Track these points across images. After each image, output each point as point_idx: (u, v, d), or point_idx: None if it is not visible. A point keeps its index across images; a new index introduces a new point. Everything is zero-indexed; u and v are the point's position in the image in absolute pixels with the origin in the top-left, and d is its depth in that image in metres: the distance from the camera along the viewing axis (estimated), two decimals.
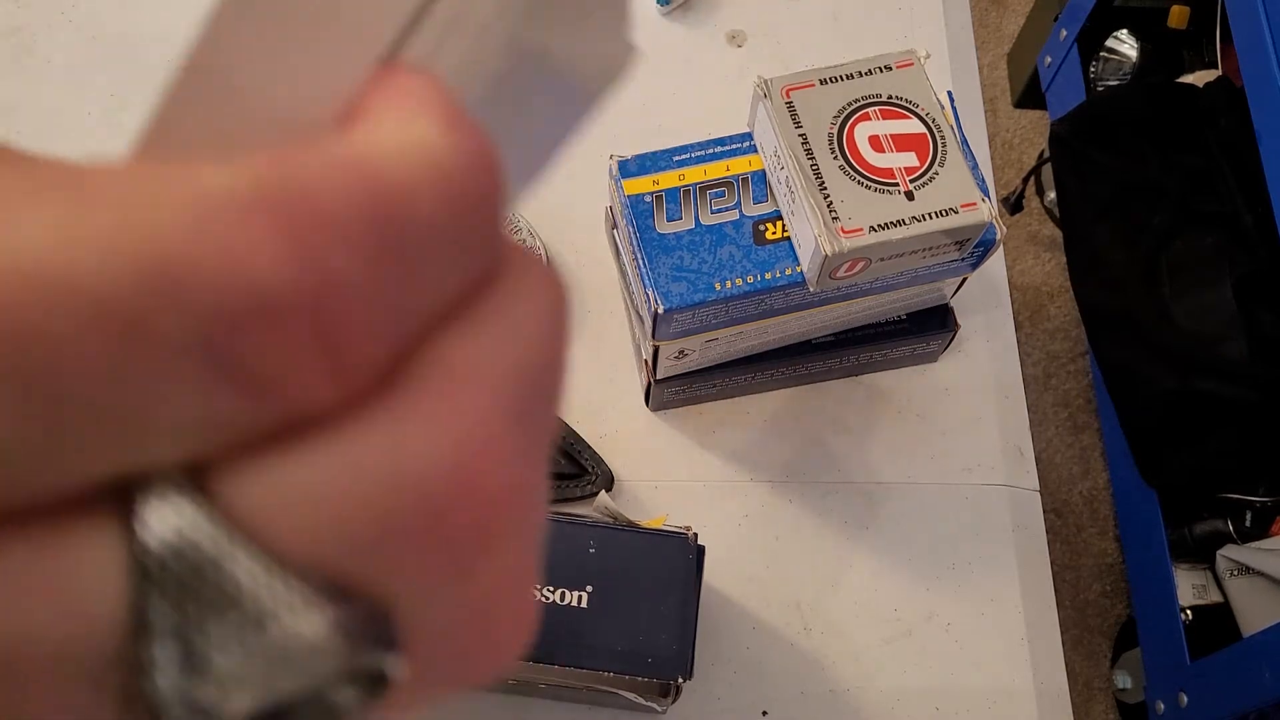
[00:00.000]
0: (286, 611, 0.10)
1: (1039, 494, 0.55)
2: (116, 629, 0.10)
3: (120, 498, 0.10)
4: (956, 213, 0.42)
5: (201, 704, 0.09)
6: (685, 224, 0.46)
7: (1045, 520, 0.55)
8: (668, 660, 0.39)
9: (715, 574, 0.52)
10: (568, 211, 0.60)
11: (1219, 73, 1.13)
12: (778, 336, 0.50)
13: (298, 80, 0.11)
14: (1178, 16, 1.21)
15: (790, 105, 0.44)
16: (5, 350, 0.08)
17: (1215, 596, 1.05)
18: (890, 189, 0.43)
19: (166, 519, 0.10)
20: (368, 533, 0.10)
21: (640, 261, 0.45)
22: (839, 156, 0.43)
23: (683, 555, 0.40)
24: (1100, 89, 1.27)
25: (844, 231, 0.42)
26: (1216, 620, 1.03)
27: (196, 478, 0.10)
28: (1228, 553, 1.03)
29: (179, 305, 0.09)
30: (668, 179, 0.46)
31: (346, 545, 0.10)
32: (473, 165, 0.11)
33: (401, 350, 0.11)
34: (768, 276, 0.45)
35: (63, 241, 0.09)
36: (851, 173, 0.43)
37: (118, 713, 0.10)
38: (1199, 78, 1.12)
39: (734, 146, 0.47)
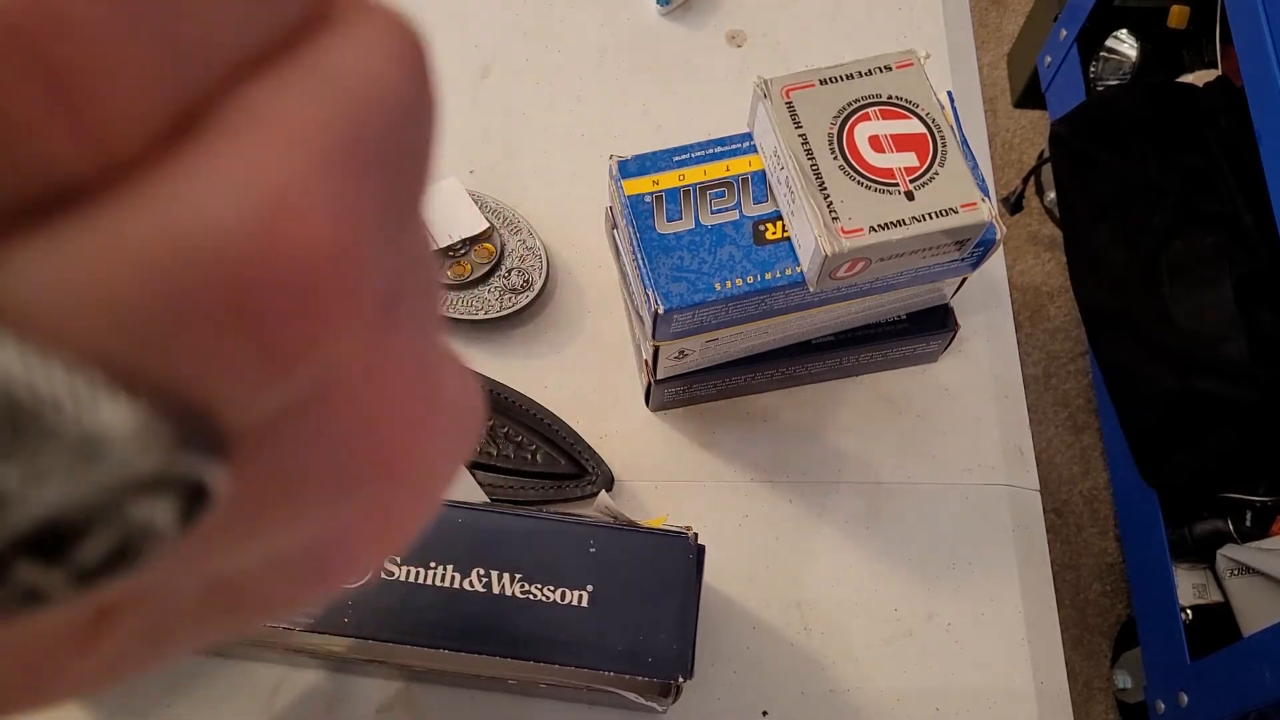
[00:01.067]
0: (68, 401, 0.08)
1: (1039, 494, 0.55)
2: None
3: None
4: (956, 213, 0.43)
5: None
6: (685, 224, 0.46)
7: (1045, 520, 0.55)
8: (668, 660, 0.39)
9: (715, 574, 0.52)
10: (568, 212, 0.60)
11: (1219, 73, 1.13)
12: (778, 337, 0.50)
13: None
14: (1178, 16, 1.21)
15: (790, 105, 0.44)
16: None
17: (1215, 596, 1.05)
18: (890, 189, 0.43)
19: None
20: (155, 313, 0.08)
21: (640, 262, 0.45)
22: (839, 156, 0.43)
23: (683, 555, 0.40)
24: (1100, 89, 1.27)
25: (844, 231, 0.42)
26: (1216, 620, 1.03)
27: None
28: (1228, 552, 1.03)
29: None
30: (668, 179, 0.46)
31: (133, 331, 0.08)
32: None
33: (185, 106, 0.08)
34: (768, 277, 0.45)
35: None
36: (851, 173, 0.43)
37: None
38: (1199, 78, 1.12)
39: (734, 147, 0.47)
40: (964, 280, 0.51)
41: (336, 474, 0.10)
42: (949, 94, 0.46)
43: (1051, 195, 1.38)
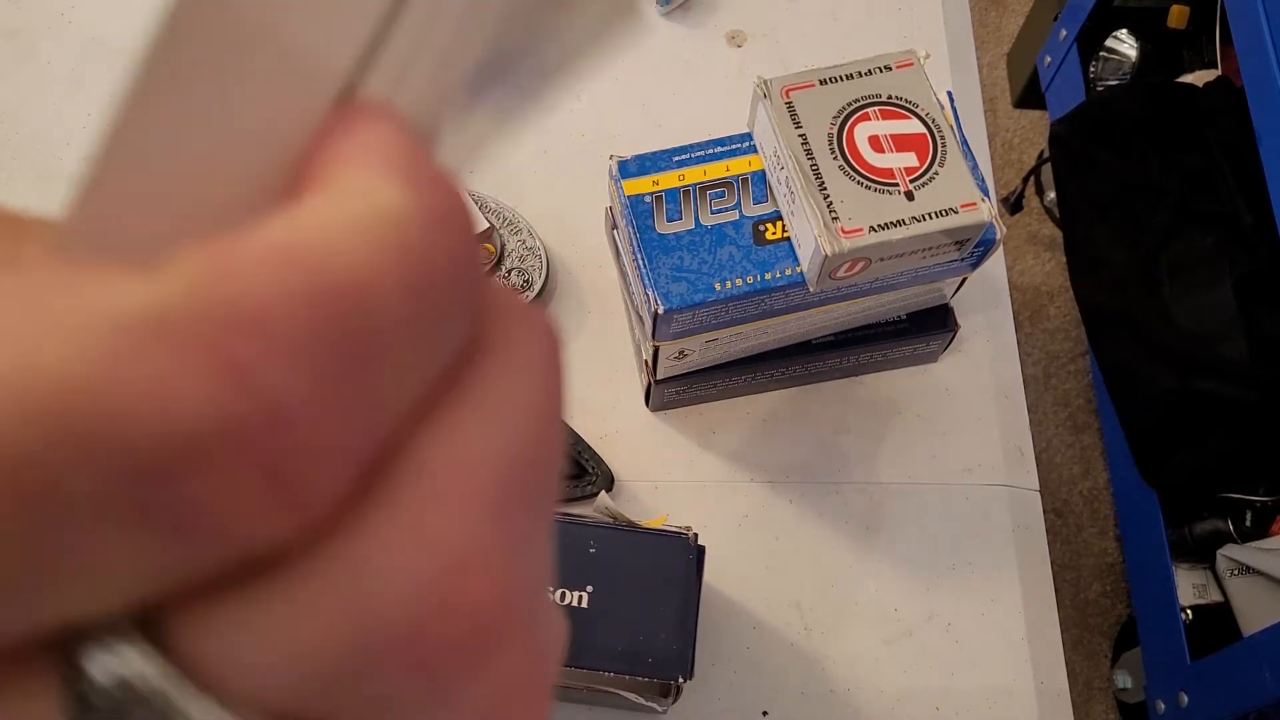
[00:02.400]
0: None
1: (1039, 494, 0.55)
2: None
3: (62, 650, 0.09)
4: (956, 213, 0.43)
5: None
6: (685, 224, 0.46)
7: (1045, 520, 0.55)
8: (668, 660, 0.39)
9: (715, 574, 0.52)
10: (568, 212, 0.60)
11: (1219, 73, 1.13)
12: (778, 337, 0.50)
13: (238, 145, 0.09)
14: (1177, 16, 1.21)
15: (790, 105, 0.44)
16: None
17: (1215, 596, 1.05)
18: (890, 189, 0.43)
19: (108, 668, 0.09)
20: (333, 673, 0.09)
21: (640, 262, 0.45)
22: (839, 156, 0.43)
23: (683, 555, 0.40)
24: (1100, 89, 1.27)
25: (844, 232, 0.42)
26: (1216, 620, 1.03)
27: (148, 624, 0.09)
28: (1228, 552, 1.03)
29: (91, 458, 0.07)
30: (668, 179, 0.46)
31: (309, 688, 0.09)
32: (440, 230, 0.09)
33: (371, 460, 0.09)
34: (768, 277, 0.45)
35: None
36: (851, 173, 0.43)
37: None
38: (1199, 78, 1.12)
39: (734, 147, 0.47)
40: (964, 280, 0.51)
41: None
42: (949, 94, 0.46)
43: (1051, 195, 1.38)
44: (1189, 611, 1.05)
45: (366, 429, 0.09)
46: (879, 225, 0.42)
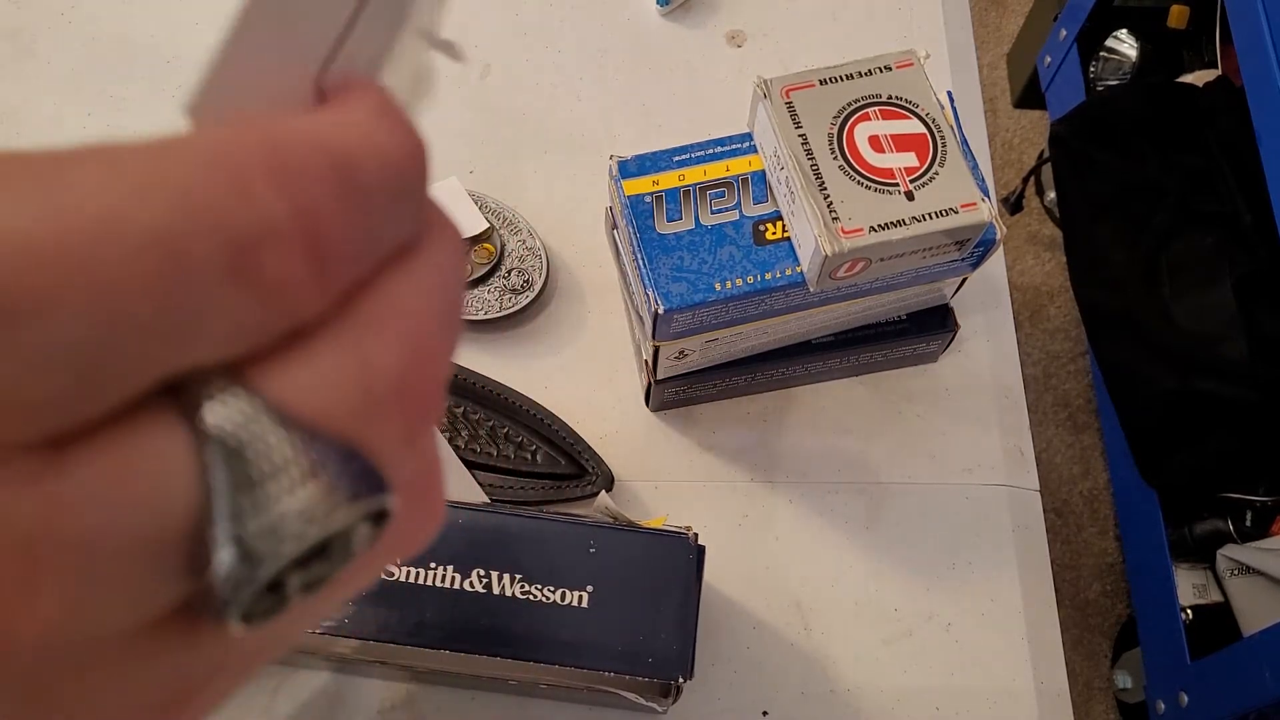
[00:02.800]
0: (318, 472, 0.12)
1: (1039, 494, 0.55)
2: (189, 511, 0.12)
3: (178, 398, 0.12)
4: (956, 213, 0.43)
5: (259, 555, 0.12)
6: (685, 224, 0.46)
7: (1045, 520, 0.55)
8: (668, 660, 0.39)
9: (715, 574, 0.52)
10: (568, 212, 0.60)
11: (1219, 73, 1.13)
12: (778, 337, 0.50)
13: (285, 70, 0.14)
14: (1177, 16, 1.21)
15: (790, 105, 0.44)
16: (77, 277, 0.10)
17: (1215, 596, 1.05)
18: (890, 189, 0.43)
19: (223, 410, 0.12)
20: (363, 409, 0.13)
21: (640, 262, 0.45)
22: (839, 157, 0.43)
23: (683, 555, 0.40)
24: (1100, 89, 1.27)
25: (844, 232, 0.42)
26: (1216, 620, 1.03)
27: (235, 376, 0.12)
28: (1228, 552, 1.03)
29: (208, 233, 0.11)
30: (668, 179, 0.46)
31: (351, 419, 0.13)
32: (402, 148, 0.14)
33: (362, 278, 0.14)
34: (768, 277, 0.45)
35: (111, 193, 0.11)
36: (851, 173, 0.43)
37: (178, 588, 0.12)
38: (1199, 78, 1.12)
39: (734, 147, 0.47)
40: (964, 280, 0.51)
41: (410, 520, 0.16)
42: (949, 94, 0.46)
43: (1051, 195, 1.38)
44: (1189, 611, 1.05)
45: (364, 248, 0.13)
46: (879, 225, 0.42)
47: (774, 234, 0.45)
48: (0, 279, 0.10)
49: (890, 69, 0.45)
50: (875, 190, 0.43)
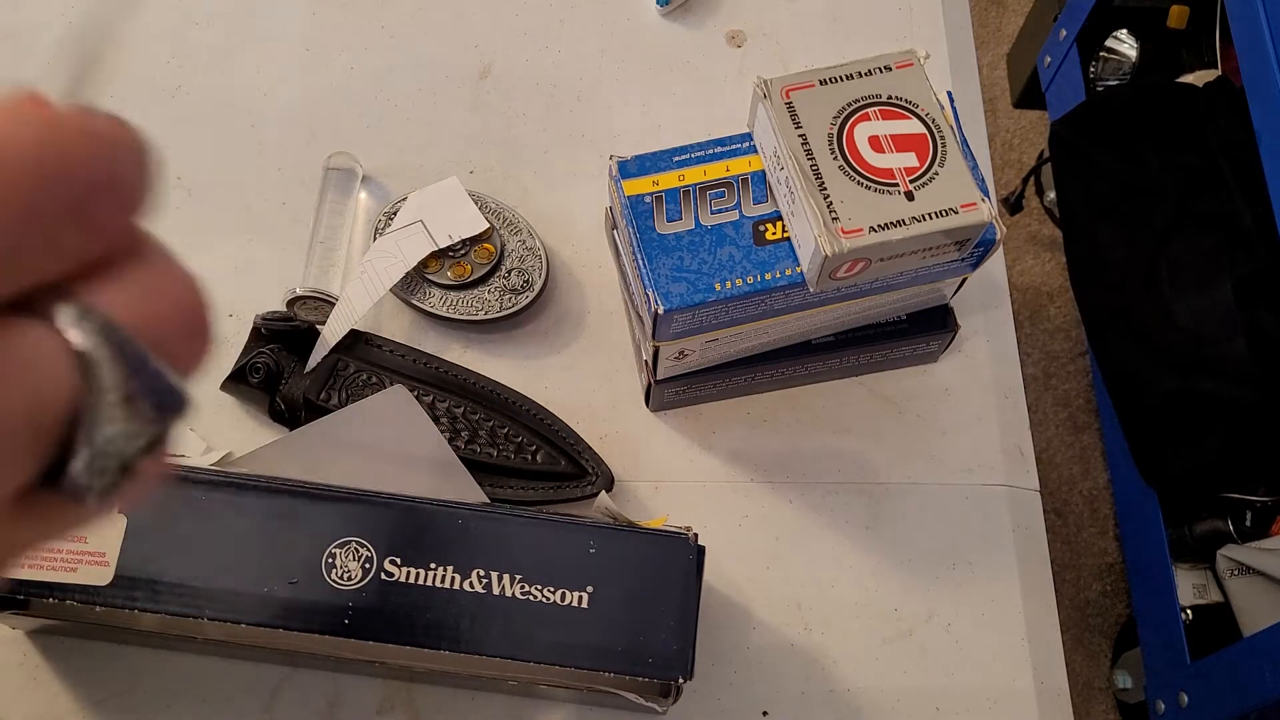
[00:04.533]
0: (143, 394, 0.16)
1: (1039, 494, 0.55)
2: (65, 401, 0.15)
3: (37, 309, 0.15)
4: (956, 213, 0.43)
5: (107, 456, 0.15)
6: (685, 224, 0.46)
7: (1045, 520, 0.55)
8: (668, 660, 0.39)
9: (715, 574, 0.52)
10: (568, 212, 0.60)
11: (1219, 73, 1.13)
12: (778, 337, 0.50)
13: None
14: (1177, 16, 1.21)
15: (790, 106, 0.44)
16: None
17: (1215, 596, 1.05)
18: (890, 189, 0.43)
19: (85, 320, 0.15)
20: (158, 327, 0.16)
21: (640, 262, 0.45)
22: (839, 157, 0.43)
23: (683, 555, 0.40)
24: (1100, 89, 1.27)
25: (844, 232, 0.42)
26: (1217, 620, 1.03)
27: (74, 294, 0.15)
28: (1228, 552, 1.03)
29: (68, 177, 0.15)
30: (667, 179, 0.46)
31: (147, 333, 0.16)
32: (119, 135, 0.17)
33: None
34: (768, 277, 0.45)
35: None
36: (851, 173, 0.43)
37: (34, 468, 0.15)
38: (1199, 78, 1.12)
39: (734, 147, 0.47)
40: (964, 280, 0.51)
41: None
42: (949, 94, 0.46)
43: (1051, 195, 1.38)
44: (1189, 611, 1.05)
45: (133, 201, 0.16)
46: (879, 225, 0.42)
47: (774, 234, 0.45)
48: None
49: (890, 69, 0.45)
50: (875, 190, 0.43)
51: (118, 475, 0.16)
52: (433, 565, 0.39)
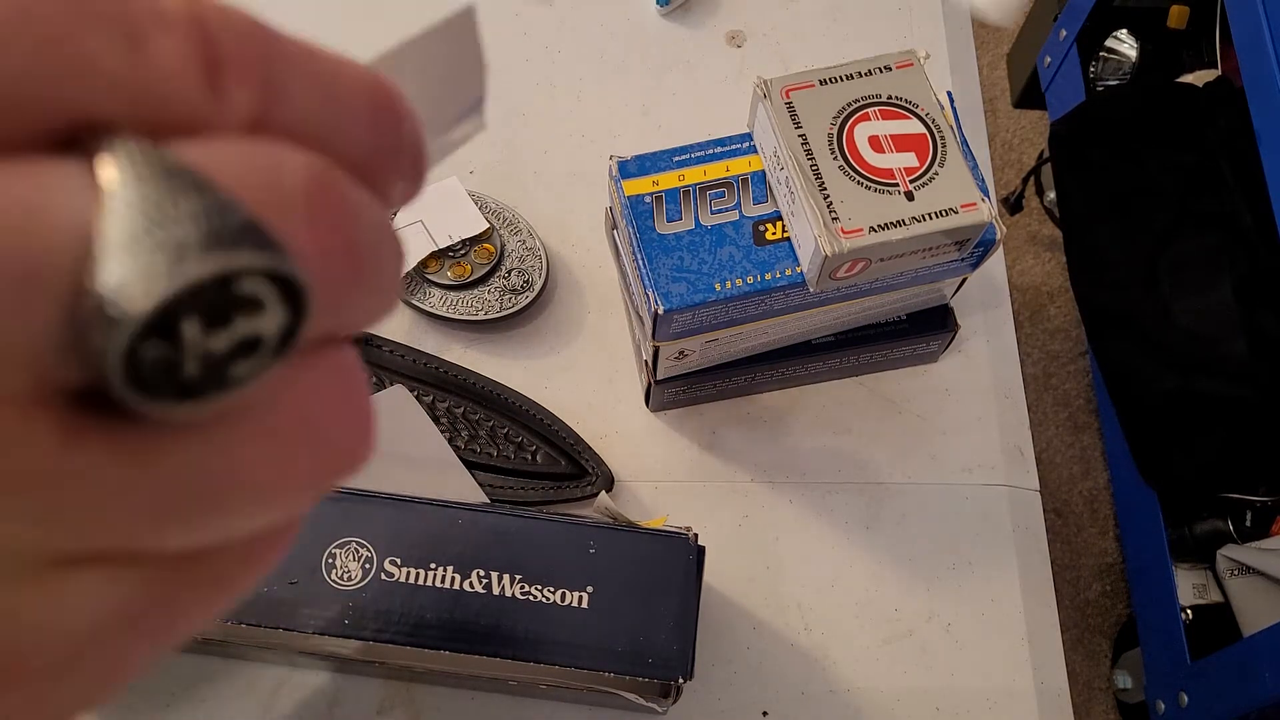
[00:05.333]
0: (217, 212, 0.11)
1: (1039, 494, 0.55)
2: (75, 247, 0.11)
3: (84, 145, 0.11)
4: (956, 213, 0.43)
5: (141, 291, 0.11)
6: (685, 224, 0.46)
7: (1045, 520, 0.55)
8: (668, 660, 0.39)
9: (715, 574, 0.52)
10: (568, 212, 0.60)
11: (1219, 73, 1.13)
12: (778, 337, 0.50)
13: None
14: (1177, 16, 1.21)
15: (790, 106, 0.44)
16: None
17: (1215, 596, 1.05)
18: (890, 189, 0.43)
19: (126, 151, 0.11)
20: (271, 194, 0.12)
21: (640, 262, 0.45)
22: (839, 157, 0.43)
23: (683, 555, 0.40)
24: (1100, 89, 1.27)
25: (844, 232, 0.42)
26: (1217, 620, 1.03)
27: (142, 136, 0.12)
28: (1228, 552, 1.03)
29: None
30: (667, 179, 0.46)
31: (258, 195, 0.12)
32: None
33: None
34: (768, 277, 0.45)
35: None
36: (851, 173, 0.43)
37: (54, 324, 0.11)
38: (1199, 78, 1.12)
39: (734, 147, 0.47)
40: (964, 280, 0.51)
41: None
42: (949, 94, 0.46)
43: (1051, 195, 1.38)
44: (1189, 611, 1.05)
45: (257, 89, 0.13)
46: (879, 225, 0.42)
47: (774, 234, 0.45)
48: None
49: (890, 69, 0.45)
50: (875, 190, 0.43)
51: (191, 377, 0.11)
52: (433, 565, 0.40)
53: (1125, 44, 1.26)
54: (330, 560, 0.39)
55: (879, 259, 0.43)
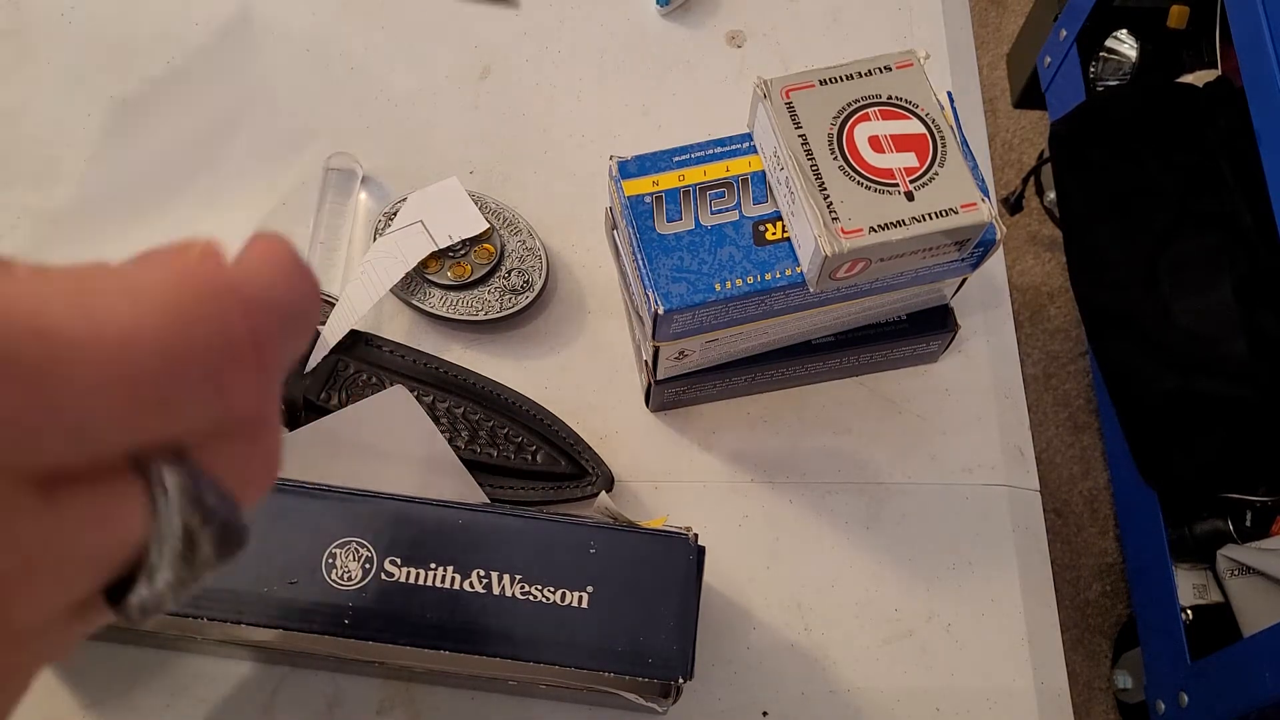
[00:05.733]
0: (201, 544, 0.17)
1: (1039, 494, 0.55)
2: (131, 550, 0.16)
3: (138, 467, 0.16)
4: (956, 213, 0.43)
5: (159, 596, 0.17)
6: (685, 225, 0.46)
7: (1045, 520, 0.55)
8: (668, 660, 0.39)
9: (715, 574, 0.52)
10: (568, 212, 0.60)
11: (1219, 73, 1.13)
12: (778, 337, 0.50)
13: None
14: (1177, 16, 1.21)
15: (790, 106, 0.44)
16: (103, 366, 0.14)
17: (1215, 596, 1.05)
18: (890, 189, 0.43)
19: (173, 481, 0.16)
20: (243, 489, 0.18)
21: (640, 262, 0.45)
22: (839, 157, 0.43)
23: (683, 555, 0.40)
24: (1100, 89, 1.27)
25: (844, 232, 0.42)
26: (1217, 620, 1.03)
27: (181, 453, 0.16)
28: (1228, 552, 1.03)
29: (199, 351, 0.15)
30: (667, 180, 0.46)
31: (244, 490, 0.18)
32: (307, 289, 0.18)
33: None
34: (768, 277, 0.45)
35: (129, 307, 0.15)
36: (851, 173, 0.43)
37: (92, 589, 0.16)
38: (1199, 78, 1.12)
39: (734, 147, 0.47)
40: (964, 280, 0.51)
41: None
42: (949, 94, 0.46)
43: (1051, 195, 1.38)
44: (1189, 611, 1.05)
45: (282, 366, 0.17)
46: (879, 225, 0.42)
47: (774, 234, 0.45)
48: (50, 354, 0.13)
49: (890, 69, 0.45)
50: (875, 190, 0.43)
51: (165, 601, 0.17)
52: (433, 565, 0.40)
53: (1125, 44, 1.26)
54: (330, 560, 0.39)
55: (879, 259, 0.43)
